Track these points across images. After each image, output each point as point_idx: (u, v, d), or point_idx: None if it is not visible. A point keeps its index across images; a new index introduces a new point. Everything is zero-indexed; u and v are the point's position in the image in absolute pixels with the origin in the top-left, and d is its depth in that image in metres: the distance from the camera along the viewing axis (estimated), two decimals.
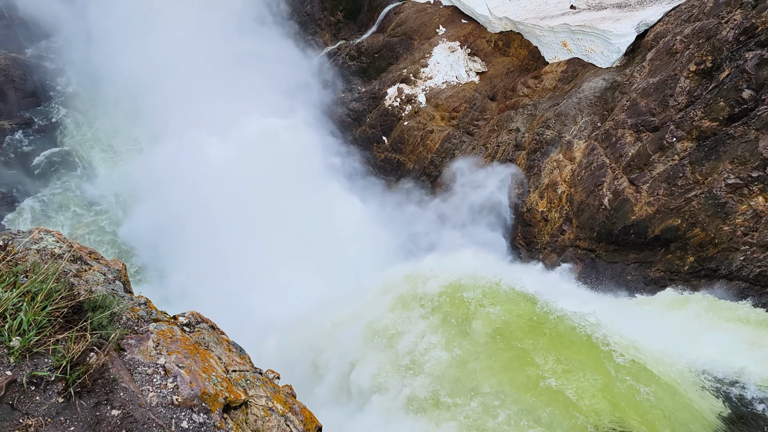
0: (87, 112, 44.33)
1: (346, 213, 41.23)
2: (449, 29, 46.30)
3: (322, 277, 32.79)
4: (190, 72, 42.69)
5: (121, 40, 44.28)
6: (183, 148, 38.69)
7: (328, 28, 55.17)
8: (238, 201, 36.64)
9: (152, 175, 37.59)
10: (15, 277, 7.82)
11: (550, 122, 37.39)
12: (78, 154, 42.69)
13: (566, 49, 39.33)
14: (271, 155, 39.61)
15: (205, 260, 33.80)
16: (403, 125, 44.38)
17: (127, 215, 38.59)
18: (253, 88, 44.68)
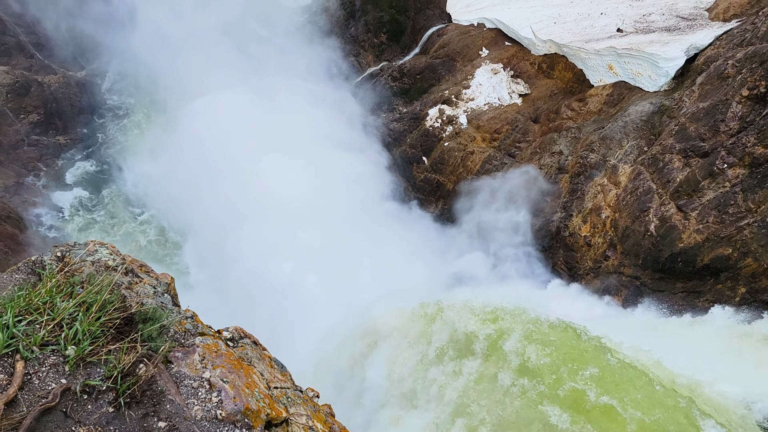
0: (136, 127, 45.85)
1: (384, 233, 41.27)
2: (492, 51, 46.29)
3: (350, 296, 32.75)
4: (226, 74, 43.27)
5: (170, 63, 45.67)
6: (230, 173, 39.33)
7: (371, 49, 55.81)
8: (294, 224, 37.08)
9: (206, 206, 37.95)
10: (72, 287, 8.03)
11: (595, 146, 36.80)
12: (128, 168, 44.18)
13: (612, 72, 38.81)
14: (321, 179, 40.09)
15: (261, 282, 34.20)
16: (444, 146, 44.35)
17: (182, 240, 39.31)
18: (305, 112, 45.26)
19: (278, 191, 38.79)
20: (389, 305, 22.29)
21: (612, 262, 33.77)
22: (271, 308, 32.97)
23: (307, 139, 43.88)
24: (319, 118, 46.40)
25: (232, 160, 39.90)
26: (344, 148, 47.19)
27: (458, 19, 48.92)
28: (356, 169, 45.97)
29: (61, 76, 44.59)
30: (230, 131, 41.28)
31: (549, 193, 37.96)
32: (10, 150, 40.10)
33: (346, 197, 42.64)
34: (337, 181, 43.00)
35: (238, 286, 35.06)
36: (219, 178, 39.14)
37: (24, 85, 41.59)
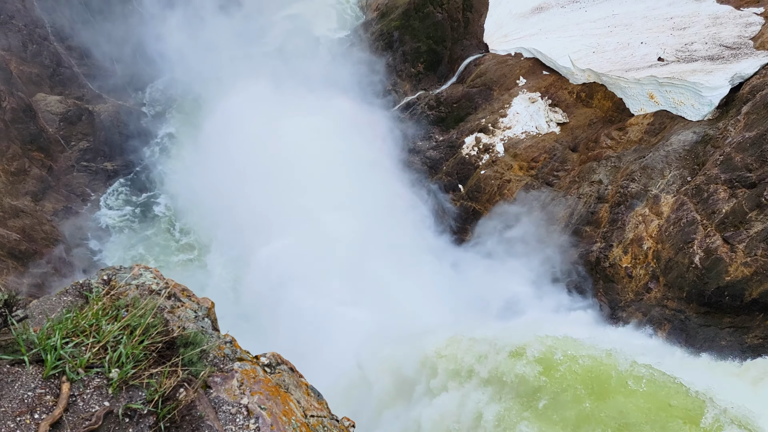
0: (182, 156, 47.27)
1: (420, 259, 41.12)
2: (530, 80, 46.26)
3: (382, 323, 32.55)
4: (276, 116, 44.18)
5: (215, 93, 47.07)
6: (267, 189, 40.06)
7: (408, 79, 56.39)
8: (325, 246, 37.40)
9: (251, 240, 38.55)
10: (117, 310, 8.23)
11: (636, 175, 36.17)
12: (173, 195, 45.45)
13: (653, 101, 38.29)
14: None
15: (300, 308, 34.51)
16: (480, 174, 44.23)
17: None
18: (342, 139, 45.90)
19: (316, 212, 39.23)
20: (444, 336, 21.52)
21: (654, 294, 32.88)
22: (302, 332, 33.09)
23: (345, 162, 44.42)
24: (356, 143, 46.96)
25: (271, 178, 40.65)
26: (380, 173, 47.54)
27: (495, 48, 49.16)
28: (391, 195, 46.18)
29: (110, 105, 46.42)
30: (269, 150, 42.13)
31: (588, 222, 37.36)
32: (61, 175, 41.74)
33: (381, 220, 42.77)
34: (372, 204, 43.20)
35: (269, 308, 35.38)
36: (257, 195, 39.87)
37: (76, 113, 43.43)
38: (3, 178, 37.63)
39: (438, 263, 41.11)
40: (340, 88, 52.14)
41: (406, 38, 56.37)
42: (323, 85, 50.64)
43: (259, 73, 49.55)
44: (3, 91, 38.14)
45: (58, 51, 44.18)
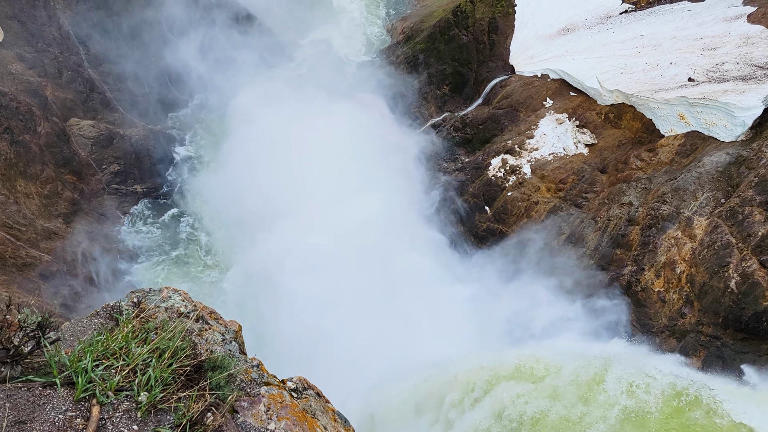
0: (209, 176, 47.96)
1: (443, 282, 40.72)
2: (557, 101, 45.98)
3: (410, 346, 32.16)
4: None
5: (245, 120, 47.80)
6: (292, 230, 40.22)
7: (434, 101, 56.55)
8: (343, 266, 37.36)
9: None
10: (146, 333, 8.20)
11: (667, 197, 35.47)
12: (198, 217, 46.06)
13: (684, 122, 37.69)
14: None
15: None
16: (507, 196, 43.85)
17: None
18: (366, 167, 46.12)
19: (337, 232, 39.26)
20: (477, 361, 20.92)
21: (689, 319, 31.97)
22: (325, 355, 32.89)
23: (368, 180, 44.54)
24: (379, 163, 47.13)
25: (293, 201, 40.89)
26: (405, 193, 47.55)
27: (521, 70, 49.06)
28: (415, 216, 46.10)
29: (141, 129, 47.43)
30: (293, 173, 42.47)
31: (618, 245, 36.63)
32: (92, 198, 42.59)
33: (406, 242, 42.61)
34: (395, 225, 43.10)
35: (291, 330, 35.30)
36: (283, 217, 40.10)
37: (107, 137, 44.44)
38: (37, 201, 38.50)
39: (462, 285, 40.71)
40: (366, 109, 52.50)
41: (432, 61, 56.69)
42: (349, 106, 51.04)
43: (286, 93, 50.18)
44: (39, 117, 39.23)
45: (92, 77, 45.41)
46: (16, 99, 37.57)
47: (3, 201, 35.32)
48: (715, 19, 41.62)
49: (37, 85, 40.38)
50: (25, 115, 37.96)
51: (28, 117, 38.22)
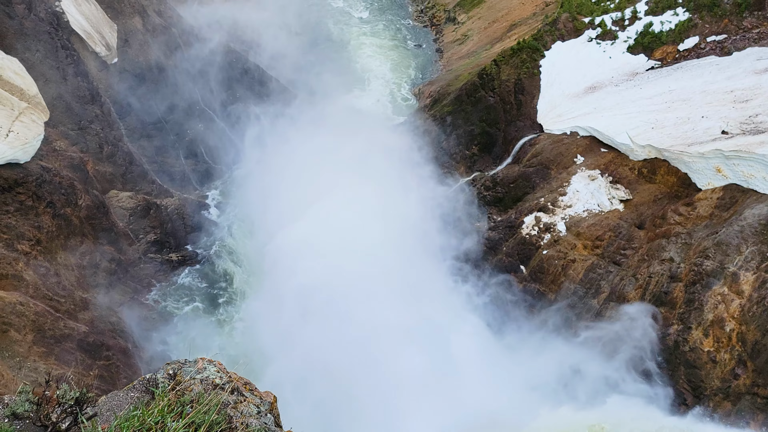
0: (243, 244, 48.60)
1: (479, 346, 39.72)
2: (588, 158, 45.71)
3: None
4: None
5: (275, 185, 48.73)
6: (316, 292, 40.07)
7: (463, 161, 56.85)
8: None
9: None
10: (182, 407, 7.97)
11: (710, 252, 34.33)
12: (235, 282, 46.40)
13: (721, 174, 36.92)
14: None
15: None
16: (542, 254, 43.06)
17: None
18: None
19: (371, 295, 38.90)
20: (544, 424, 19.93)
21: (743, 381, 30.27)
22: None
23: (396, 243, 44.45)
24: (409, 225, 47.19)
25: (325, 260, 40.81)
26: (436, 255, 47.29)
27: (550, 128, 49.19)
28: (448, 278, 45.64)
29: (177, 199, 48.65)
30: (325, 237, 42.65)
31: (662, 303, 35.31)
32: (129, 267, 43.29)
33: (441, 308, 41.96)
34: (429, 290, 42.60)
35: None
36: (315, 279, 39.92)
37: (145, 207, 45.61)
38: (76, 272, 39.25)
39: (497, 342, 39.66)
40: (396, 172, 53.04)
41: (460, 122, 57.38)
42: (378, 169, 51.64)
43: (317, 157, 51.03)
44: (80, 190, 40.57)
45: (131, 150, 47.12)
46: (59, 174, 39.02)
47: (44, 273, 36.08)
48: (744, 71, 41.43)
49: (79, 160, 41.98)
50: (67, 190, 39.29)
51: (70, 191, 39.54)
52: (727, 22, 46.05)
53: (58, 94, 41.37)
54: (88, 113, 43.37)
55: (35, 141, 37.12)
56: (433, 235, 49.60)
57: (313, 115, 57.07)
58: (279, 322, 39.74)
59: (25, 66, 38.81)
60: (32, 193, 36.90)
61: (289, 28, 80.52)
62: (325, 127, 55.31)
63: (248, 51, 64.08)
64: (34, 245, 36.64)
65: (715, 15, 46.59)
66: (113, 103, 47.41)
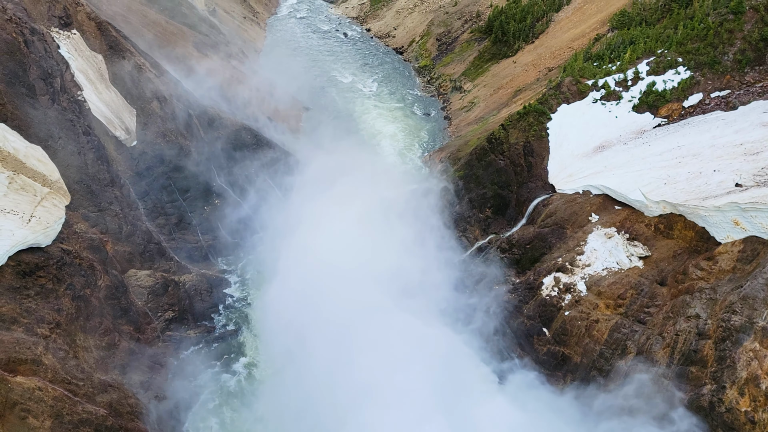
0: (261, 319, 48.39)
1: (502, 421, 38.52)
2: (602, 216, 45.65)
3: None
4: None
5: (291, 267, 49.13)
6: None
7: (477, 224, 56.97)
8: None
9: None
10: None
11: (736, 306, 33.59)
12: (252, 359, 45.80)
13: (739, 227, 36.61)
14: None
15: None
16: (564, 315, 42.33)
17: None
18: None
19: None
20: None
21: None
22: None
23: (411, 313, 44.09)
24: (429, 293, 46.98)
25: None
26: (455, 324, 46.84)
27: (562, 188, 49.44)
28: (467, 347, 45.00)
29: (194, 274, 48.94)
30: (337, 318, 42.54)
31: (692, 361, 34.26)
32: (147, 346, 43.01)
33: (459, 379, 41.16)
34: (451, 359, 41.85)
35: None
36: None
37: (163, 285, 45.81)
38: (94, 354, 39.00)
39: (521, 409, 38.45)
40: (411, 238, 53.16)
41: (472, 185, 57.90)
42: (393, 237, 51.81)
43: (329, 226, 51.33)
44: (99, 271, 40.90)
45: (149, 229, 47.80)
46: (79, 256, 39.46)
47: (63, 356, 35.88)
48: (752, 125, 41.82)
49: (99, 241, 42.54)
50: (87, 271, 39.62)
51: (90, 272, 39.87)
52: (729, 78, 46.89)
53: (79, 178, 42.44)
54: (108, 195, 44.32)
55: (56, 225, 37.80)
56: (452, 302, 49.19)
57: (327, 185, 57.87)
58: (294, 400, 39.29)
59: (47, 153, 40.03)
60: (53, 276, 37.22)
61: (301, 104, 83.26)
62: (339, 196, 55.93)
63: (262, 126, 65.92)
64: (53, 328, 36.63)
65: (717, 72, 47.50)
66: (132, 183, 48.51)
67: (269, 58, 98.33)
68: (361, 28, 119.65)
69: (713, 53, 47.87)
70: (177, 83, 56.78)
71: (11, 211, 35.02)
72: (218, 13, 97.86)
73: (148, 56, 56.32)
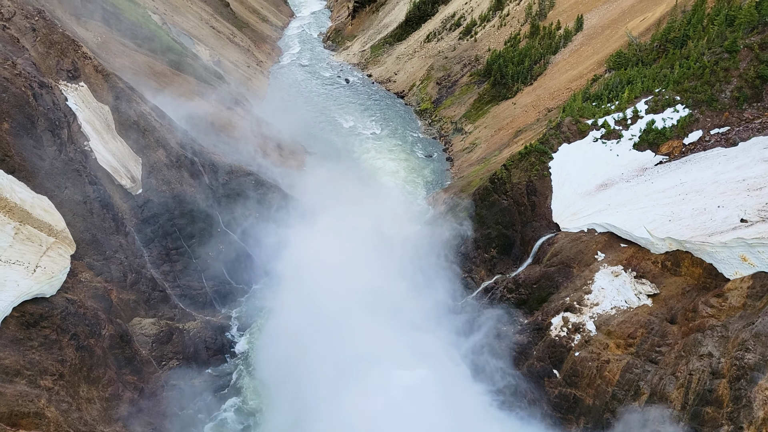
0: (265, 367, 47.77)
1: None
2: (608, 254, 45.42)
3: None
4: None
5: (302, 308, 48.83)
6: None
7: (483, 264, 56.73)
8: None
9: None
10: None
11: (749, 344, 33.05)
12: (257, 411, 45.03)
13: (747, 263, 36.33)
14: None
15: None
16: (575, 356, 41.65)
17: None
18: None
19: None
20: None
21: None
22: None
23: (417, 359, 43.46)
24: (434, 337, 46.44)
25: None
26: (462, 368, 46.16)
27: (567, 227, 49.35)
28: (475, 392, 44.20)
29: (199, 321, 48.61)
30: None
31: (708, 401, 33.49)
32: (151, 396, 42.35)
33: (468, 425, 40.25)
34: (459, 405, 41.05)
35: None
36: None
37: (167, 333, 45.44)
38: (98, 405, 38.38)
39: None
40: (414, 284, 52.88)
41: (476, 226, 57.89)
42: (397, 282, 51.58)
43: (334, 270, 51.12)
44: (104, 320, 40.64)
45: (154, 276, 47.73)
46: (83, 306, 39.28)
47: (66, 409, 35.29)
48: (753, 160, 41.99)
49: (104, 290, 42.42)
50: (91, 320, 39.37)
51: (94, 322, 39.61)
52: (728, 115, 47.34)
53: (84, 227, 42.64)
54: (113, 243, 44.43)
55: (61, 274, 37.77)
56: (458, 345, 48.60)
57: (330, 226, 57.95)
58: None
59: (53, 203, 40.36)
60: (57, 327, 36.96)
61: (304, 147, 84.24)
62: (342, 237, 55.91)
63: (266, 171, 66.52)
64: (56, 380, 36.15)
65: (715, 109, 47.99)
66: (137, 231, 48.69)
67: (273, 105, 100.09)
68: (362, 73, 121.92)
69: (710, 91, 48.47)
70: (182, 131, 57.62)
71: (16, 262, 35.06)
72: (223, 63, 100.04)
73: (154, 105, 57.34)
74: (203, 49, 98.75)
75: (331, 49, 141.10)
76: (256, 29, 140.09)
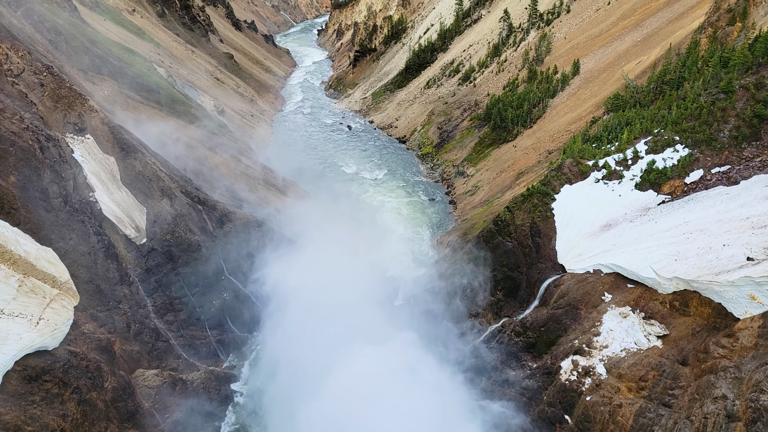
0: (268, 425, 46.98)
1: None
2: (616, 295, 44.99)
3: None
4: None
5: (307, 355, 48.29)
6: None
7: (489, 307, 56.20)
8: None
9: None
10: None
11: (763, 385, 32.30)
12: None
13: (756, 302, 35.90)
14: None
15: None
16: (586, 401, 40.75)
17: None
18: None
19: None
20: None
21: None
22: None
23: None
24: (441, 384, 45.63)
25: None
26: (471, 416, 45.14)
27: (572, 268, 49.07)
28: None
29: (202, 372, 47.97)
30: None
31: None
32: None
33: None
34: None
35: None
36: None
37: (170, 384, 44.78)
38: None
39: None
40: (422, 326, 52.30)
41: (481, 268, 57.57)
42: (403, 332, 51.06)
43: (339, 321, 50.69)
44: (106, 372, 40.12)
45: (158, 326, 47.38)
46: (86, 358, 38.83)
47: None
48: (755, 198, 41.98)
49: (107, 341, 42.02)
50: (94, 373, 38.85)
51: (97, 374, 39.08)
52: (728, 154, 47.63)
53: (88, 277, 42.60)
54: (117, 294, 44.28)
55: (64, 326, 37.45)
56: (466, 391, 47.68)
57: (334, 271, 57.77)
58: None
59: (58, 254, 40.37)
60: (59, 380, 36.44)
61: (308, 193, 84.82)
62: (346, 282, 55.66)
63: (270, 218, 66.79)
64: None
65: (714, 148, 48.33)
66: (141, 281, 48.58)
67: (276, 153, 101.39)
68: (364, 120, 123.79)
69: (709, 131, 48.91)
70: (187, 180, 58.18)
71: (19, 315, 34.85)
72: (227, 113, 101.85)
73: (159, 156, 58.09)
74: (207, 99, 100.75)
75: (333, 97, 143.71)
76: (260, 79, 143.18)
